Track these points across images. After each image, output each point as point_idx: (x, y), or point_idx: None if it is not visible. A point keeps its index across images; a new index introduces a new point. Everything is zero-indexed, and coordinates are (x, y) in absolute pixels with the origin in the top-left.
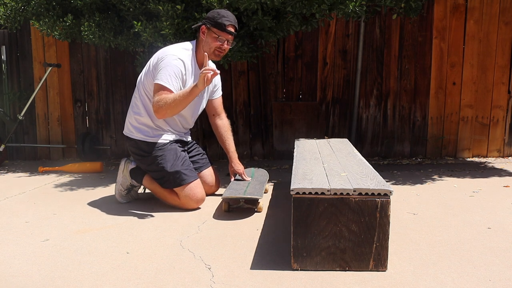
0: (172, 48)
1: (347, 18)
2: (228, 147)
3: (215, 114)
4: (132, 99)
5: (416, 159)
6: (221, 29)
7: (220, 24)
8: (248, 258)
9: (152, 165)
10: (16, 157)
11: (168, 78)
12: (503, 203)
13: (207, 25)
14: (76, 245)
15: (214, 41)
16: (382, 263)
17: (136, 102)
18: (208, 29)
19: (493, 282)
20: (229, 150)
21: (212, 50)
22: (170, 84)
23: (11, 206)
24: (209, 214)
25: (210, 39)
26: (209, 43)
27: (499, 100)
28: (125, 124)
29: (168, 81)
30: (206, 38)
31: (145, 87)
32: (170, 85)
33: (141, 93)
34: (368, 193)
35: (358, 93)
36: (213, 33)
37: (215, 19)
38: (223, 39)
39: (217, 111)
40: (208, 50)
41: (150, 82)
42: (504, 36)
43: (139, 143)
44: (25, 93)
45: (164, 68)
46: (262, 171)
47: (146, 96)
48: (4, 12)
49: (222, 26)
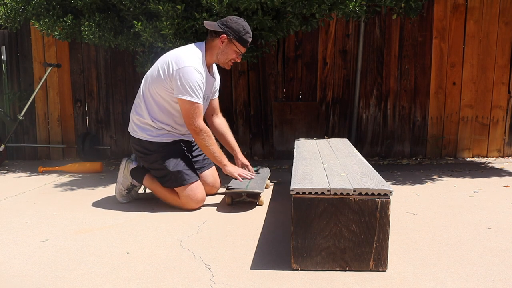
0: (187, 57)
1: (347, 18)
2: (231, 143)
3: (214, 114)
4: (135, 98)
5: (416, 159)
6: (244, 45)
7: (244, 41)
8: (248, 258)
9: (154, 163)
10: (16, 157)
11: (196, 93)
12: (503, 203)
13: (230, 36)
14: (76, 245)
15: (232, 54)
16: (382, 263)
17: (139, 103)
18: (230, 41)
19: (494, 282)
20: (233, 145)
21: (227, 61)
22: (200, 99)
23: (11, 206)
24: (209, 214)
25: (229, 50)
26: (227, 54)
27: (499, 100)
28: (130, 122)
29: (197, 96)
30: (225, 48)
31: (152, 91)
32: (199, 100)
33: (146, 96)
34: (368, 193)
35: (358, 93)
36: (234, 46)
37: (240, 33)
38: (241, 53)
39: (215, 110)
40: (223, 59)
41: (160, 87)
42: (504, 36)
43: (142, 142)
44: (25, 93)
45: (189, 84)
46: (264, 169)
47: (152, 100)
48: (4, 12)
49: (245, 43)
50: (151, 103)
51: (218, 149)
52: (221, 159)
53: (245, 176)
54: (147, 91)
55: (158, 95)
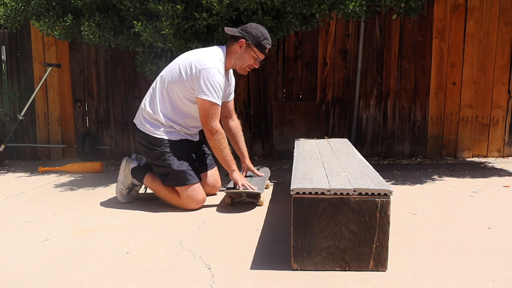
0: (211, 58)
1: (347, 18)
2: (242, 147)
3: (228, 116)
4: (148, 93)
5: (416, 159)
6: (262, 51)
7: (262, 47)
8: (248, 258)
9: (158, 160)
10: (16, 157)
11: (218, 94)
12: (503, 203)
13: (248, 41)
14: (76, 245)
15: (250, 60)
16: (382, 263)
17: (153, 98)
18: (248, 46)
19: (494, 282)
20: (243, 150)
21: (245, 67)
22: (220, 100)
23: (11, 206)
24: (209, 214)
25: (247, 56)
26: (245, 59)
27: (499, 100)
28: (137, 114)
29: (218, 97)
30: (242, 53)
31: (170, 89)
32: (219, 101)
33: (162, 93)
34: (368, 193)
35: (358, 93)
36: (252, 51)
37: (258, 39)
38: (260, 59)
39: (230, 112)
40: (240, 65)
41: (181, 89)
42: (504, 36)
43: (149, 136)
44: (25, 93)
45: (211, 84)
46: (264, 169)
47: (168, 98)
48: (4, 12)
49: (264, 49)
50: (166, 101)
51: (230, 153)
52: (231, 163)
53: (248, 187)
54: (163, 89)
55: (176, 94)
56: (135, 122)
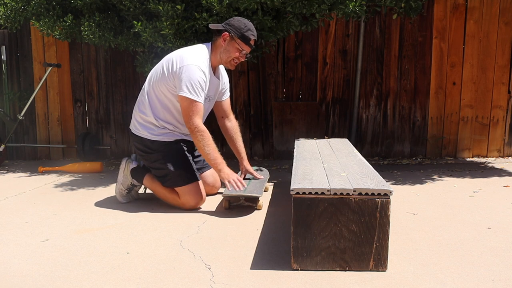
0: (192, 55)
1: (347, 18)
2: (239, 148)
3: (224, 116)
4: (139, 96)
5: (416, 159)
6: (246, 43)
7: (246, 38)
8: (248, 258)
9: (155, 162)
10: (16, 157)
11: (197, 91)
12: (503, 203)
13: (231, 34)
14: (76, 245)
15: (235, 52)
16: (382, 263)
17: (143, 101)
18: (232, 38)
19: (494, 282)
20: (241, 152)
21: (230, 60)
22: (200, 98)
23: (11, 206)
24: (209, 214)
25: (231, 48)
26: (229, 52)
27: (499, 100)
28: (132, 119)
29: (197, 95)
30: (227, 46)
31: (156, 89)
32: (200, 99)
33: (150, 94)
34: (368, 193)
35: (358, 93)
36: (236, 43)
37: (241, 30)
38: (244, 51)
39: (226, 113)
40: (225, 58)
41: (165, 86)
42: (504, 36)
43: (144, 140)
44: (25, 93)
45: (190, 82)
46: (263, 171)
47: (156, 98)
48: (4, 12)
49: (248, 40)
50: (155, 101)
51: (214, 151)
52: (215, 162)
53: (235, 185)
54: (151, 90)
55: (162, 94)
56: (130, 128)
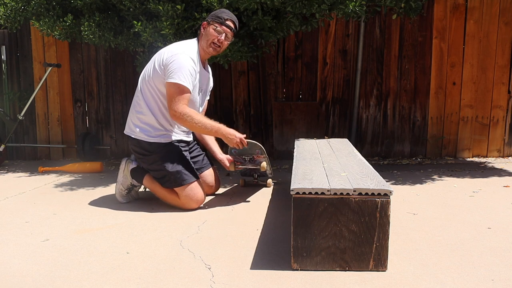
0: (180, 46)
1: (347, 18)
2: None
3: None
4: (134, 98)
5: (416, 159)
6: (220, 22)
7: (219, 17)
8: (248, 258)
9: (153, 164)
10: (16, 157)
11: (185, 77)
12: (503, 203)
13: (207, 19)
14: (76, 245)
15: (212, 35)
16: (382, 263)
17: (138, 101)
18: (208, 23)
19: (494, 282)
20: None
21: (209, 43)
22: (188, 83)
23: (11, 206)
24: (209, 214)
25: (209, 33)
26: (208, 35)
27: (499, 100)
28: (127, 123)
29: (185, 80)
30: (205, 32)
31: (151, 85)
32: (188, 84)
33: (145, 92)
34: (368, 193)
35: (358, 93)
36: (213, 26)
37: (215, 14)
38: (221, 31)
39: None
40: (206, 43)
41: (159, 81)
42: (504, 36)
43: (141, 142)
44: (25, 93)
45: (179, 68)
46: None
47: (151, 95)
48: (4, 12)
49: (221, 19)
50: (150, 100)
51: (208, 122)
52: (213, 129)
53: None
54: (145, 88)
55: (156, 90)
56: (125, 132)
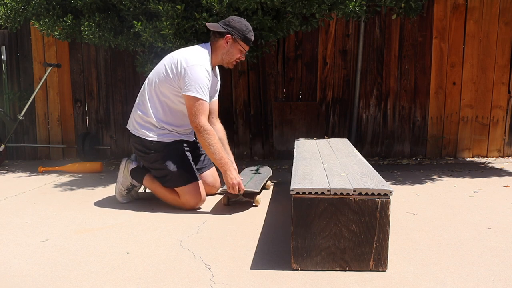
0: (195, 56)
1: (347, 18)
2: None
3: (214, 117)
4: (139, 96)
5: (416, 159)
6: (248, 44)
7: (248, 40)
8: (248, 258)
9: (155, 163)
10: (16, 157)
11: (203, 90)
12: (503, 203)
13: (234, 36)
14: (76, 245)
15: (237, 53)
16: (382, 263)
17: (143, 101)
18: (234, 40)
19: (494, 282)
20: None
21: (232, 61)
22: (206, 96)
23: (11, 206)
24: (209, 214)
25: (234, 50)
26: (232, 54)
27: (499, 100)
28: (130, 119)
29: (203, 93)
30: (230, 48)
31: (159, 89)
32: (205, 97)
33: (151, 94)
34: (368, 193)
35: (358, 93)
36: (239, 45)
37: (244, 32)
38: (245, 52)
39: (214, 113)
40: (228, 59)
41: (168, 85)
42: (504, 36)
43: (143, 140)
44: (25, 93)
45: (196, 81)
46: (266, 168)
47: (157, 98)
48: (4, 12)
49: (249, 41)
50: (156, 102)
51: (220, 151)
52: (221, 162)
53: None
54: (152, 91)
55: (165, 95)
56: (128, 128)
